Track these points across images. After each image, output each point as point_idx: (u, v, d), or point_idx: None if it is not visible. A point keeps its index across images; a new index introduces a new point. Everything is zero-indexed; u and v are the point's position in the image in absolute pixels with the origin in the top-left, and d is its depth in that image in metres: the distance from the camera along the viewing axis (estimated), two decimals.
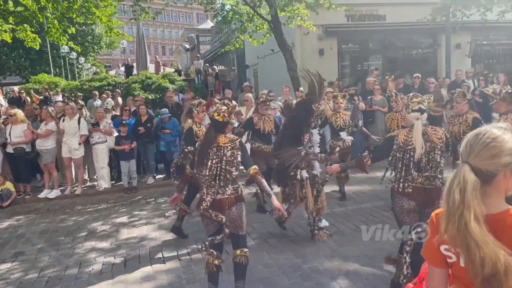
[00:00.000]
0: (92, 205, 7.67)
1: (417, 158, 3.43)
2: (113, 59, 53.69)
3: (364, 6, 15.09)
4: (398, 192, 3.58)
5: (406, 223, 3.56)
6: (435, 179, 3.47)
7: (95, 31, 29.73)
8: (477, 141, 1.46)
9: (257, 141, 6.46)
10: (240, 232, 3.71)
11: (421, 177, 3.48)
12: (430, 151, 3.46)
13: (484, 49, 16.97)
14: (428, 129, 3.52)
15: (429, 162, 3.47)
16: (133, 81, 15.21)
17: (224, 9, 12.38)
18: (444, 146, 3.53)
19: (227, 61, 26.84)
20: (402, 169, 3.52)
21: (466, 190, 1.39)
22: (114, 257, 5.18)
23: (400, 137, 3.56)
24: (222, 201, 3.57)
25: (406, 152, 3.50)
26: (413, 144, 3.44)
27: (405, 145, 3.50)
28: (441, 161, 3.48)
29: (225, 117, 3.68)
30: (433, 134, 3.50)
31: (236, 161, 3.59)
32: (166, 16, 66.19)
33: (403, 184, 3.52)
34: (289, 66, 10.92)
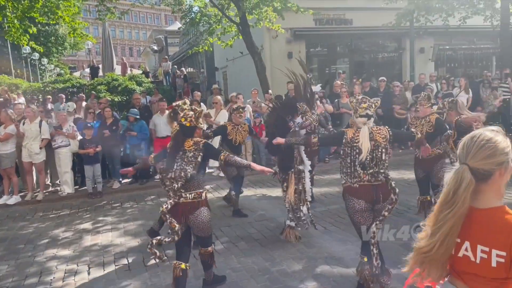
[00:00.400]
0: (54, 211, 7.41)
1: (363, 159, 3.60)
2: (78, 60, 52.24)
3: (331, 10, 15.34)
4: (348, 191, 3.71)
5: (361, 223, 3.69)
6: (380, 175, 3.63)
7: (59, 32, 28.85)
8: (472, 143, 1.59)
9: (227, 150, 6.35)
10: (203, 234, 3.80)
11: (367, 175, 3.63)
12: (374, 149, 3.63)
13: (446, 53, 17.57)
14: (373, 129, 3.69)
15: (373, 160, 3.63)
16: (98, 82, 14.82)
17: (192, 11, 12.26)
18: (388, 144, 3.71)
19: (196, 63, 26.68)
20: (350, 164, 3.67)
21: (460, 187, 1.54)
22: (77, 265, 5.01)
23: (349, 134, 3.73)
24: (185, 204, 3.63)
25: (353, 148, 3.66)
26: (358, 143, 3.63)
27: (352, 142, 3.67)
28: (386, 158, 3.66)
29: (192, 122, 3.76)
30: (377, 134, 3.67)
31: (196, 161, 3.63)
32: (134, 17, 65.11)
33: (351, 180, 3.66)
34: (258, 68, 10.95)
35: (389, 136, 3.69)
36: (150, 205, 7.55)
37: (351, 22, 15.75)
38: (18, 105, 8.93)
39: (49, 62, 31.27)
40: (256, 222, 6.11)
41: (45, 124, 7.99)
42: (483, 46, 17.79)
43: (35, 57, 27.05)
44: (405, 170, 8.14)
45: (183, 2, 11.99)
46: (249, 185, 8.23)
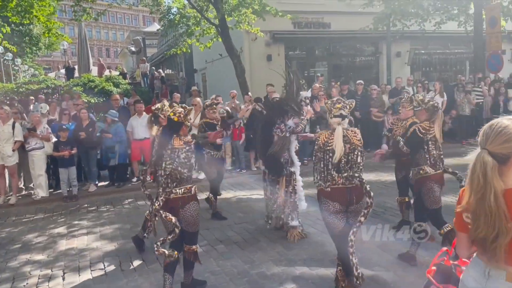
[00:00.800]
0: (27, 216, 7.20)
1: (337, 161, 3.57)
2: (53, 61, 51.09)
3: (310, 14, 15.48)
4: (322, 194, 3.68)
5: (335, 224, 3.65)
6: (354, 178, 3.61)
7: (33, 32, 28.14)
8: (491, 130, 1.77)
9: (208, 147, 6.37)
10: (191, 230, 3.84)
11: (341, 178, 3.60)
12: (349, 153, 3.60)
13: (422, 57, 17.97)
14: (348, 132, 3.66)
15: (348, 163, 3.60)
16: (74, 84, 14.51)
17: (170, 12, 12.16)
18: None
19: (175, 65, 26.48)
20: (324, 169, 3.64)
21: (487, 170, 1.70)
22: (52, 270, 4.87)
23: (321, 138, 3.68)
24: (176, 200, 3.73)
25: (325, 152, 3.61)
26: (332, 146, 3.58)
27: (324, 146, 3.62)
28: (361, 161, 3.63)
29: (181, 118, 3.82)
30: (353, 136, 3.64)
31: (190, 163, 3.75)
32: (111, 18, 64.15)
33: (325, 184, 3.63)
34: (237, 71, 10.94)
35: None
36: (127, 208, 7.43)
37: (329, 26, 15.93)
38: None
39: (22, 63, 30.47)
40: (236, 225, 6.08)
41: (18, 126, 7.77)
42: (457, 51, 18.27)
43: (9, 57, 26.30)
44: (383, 172, 8.24)
45: (161, 3, 11.88)
46: (228, 187, 8.19)
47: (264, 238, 5.51)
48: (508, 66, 16.48)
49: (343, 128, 3.63)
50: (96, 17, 11.74)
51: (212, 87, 18.85)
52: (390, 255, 4.67)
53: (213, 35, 12.42)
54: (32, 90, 13.75)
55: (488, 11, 13.72)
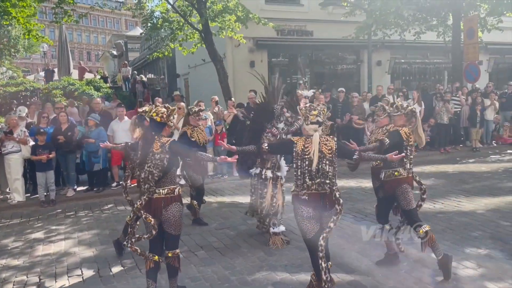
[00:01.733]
0: (3, 220, 7.04)
1: (314, 168, 3.62)
2: (32, 63, 50.16)
3: (293, 21, 15.63)
4: (297, 199, 3.72)
5: (308, 229, 3.69)
6: (325, 185, 3.64)
7: (12, 33, 27.61)
8: None
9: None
10: (173, 232, 3.79)
11: (314, 184, 3.65)
12: (318, 161, 3.63)
13: (402, 66, 18.32)
14: (321, 139, 3.68)
15: (319, 171, 3.64)
16: (53, 87, 14.27)
17: (153, 16, 12.11)
18: (333, 156, 3.67)
19: (157, 69, 26.32)
20: (300, 176, 3.67)
21: None
22: (27, 276, 4.76)
23: (298, 145, 3.69)
24: (158, 200, 3.71)
25: (303, 160, 3.65)
26: (309, 154, 3.62)
27: (302, 154, 3.66)
28: (330, 169, 3.65)
29: (163, 119, 3.81)
30: (324, 145, 3.66)
31: (162, 164, 3.68)
32: (92, 21, 63.47)
33: (301, 191, 3.67)
34: (220, 76, 10.95)
35: (335, 149, 3.68)
36: (107, 214, 7.31)
37: (312, 34, 16.11)
38: None
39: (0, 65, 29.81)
40: (216, 231, 6.05)
41: None
42: (436, 61, 18.70)
43: None
44: (362, 179, 8.34)
45: (144, 6, 11.82)
46: (209, 192, 8.15)
47: (245, 244, 5.49)
48: (485, 76, 16.96)
49: (319, 134, 3.67)
50: (77, 19, 11.60)
51: (195, 92, 18.79)
52: (369, 260, 4.72)
53: (197, 40, 12.41)
54: (10, 92, 13.48)
55: (466, 22, 14.09)
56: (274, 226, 5.35)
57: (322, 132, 3.81)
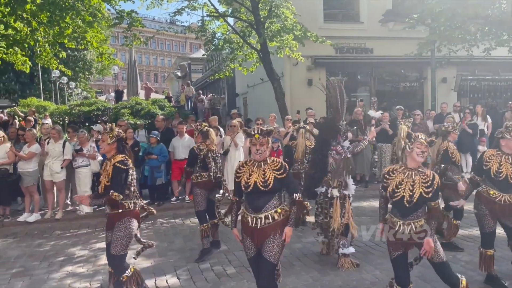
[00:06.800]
0: (72, 230, 7.50)
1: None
2: (104, 85, 53.90)
3: (352, 39, 15.47)
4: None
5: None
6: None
7: (87, 57, 29.93)
8: None
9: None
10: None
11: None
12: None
13: (470, 84, 17.36)
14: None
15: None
16: (122, 106, 15.18)
17: (215, 37, 12.59)
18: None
19: (218, 89, 27.11)
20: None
21: None
22: (90, 283, 5.02)
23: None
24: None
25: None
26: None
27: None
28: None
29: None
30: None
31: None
32: (160, 44, 67.11)
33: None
34: (277, 95, 11.05)
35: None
36: (165, 226, 7.57)
37: (372, 51, 15.82)
38: (45, 125, 9.22)
39: (76, 86, 32.31)
40: None
41: (68, 145, 8.19)
42: (508, 77, 17.54)
43: (64, 81, 28.01)
44: None
45: (206, 29, 12.32)
46: None
47: (299, 262, 5.42)
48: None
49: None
50: (145, 41, 12.35)
51: (253, 110, 19.08)
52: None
53: (255, 60, 12.67)
54: (83, 111, 14.52)
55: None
56: (343, 247, 5.12)
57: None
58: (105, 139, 4.07)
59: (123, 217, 4.01)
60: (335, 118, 5.17)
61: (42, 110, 16.42)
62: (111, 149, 4.09)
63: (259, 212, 3.51)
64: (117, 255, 3.95)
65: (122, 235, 3.96)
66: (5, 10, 9.54)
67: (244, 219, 3.62)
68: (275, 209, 3.54)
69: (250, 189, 3.49)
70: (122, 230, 3.98)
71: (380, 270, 5.03)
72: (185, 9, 11.44)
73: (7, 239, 7.07)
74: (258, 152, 3.54)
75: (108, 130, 4.13)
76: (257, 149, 3.54)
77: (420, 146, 3.61)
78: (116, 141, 4.09)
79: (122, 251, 3.98)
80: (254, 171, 3.55)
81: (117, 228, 3.99)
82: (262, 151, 3.54)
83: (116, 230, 3.98)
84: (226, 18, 12.37)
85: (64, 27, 10.11)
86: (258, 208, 3.53)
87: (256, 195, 3.51)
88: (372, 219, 7.10)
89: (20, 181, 8.02)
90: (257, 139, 3.54)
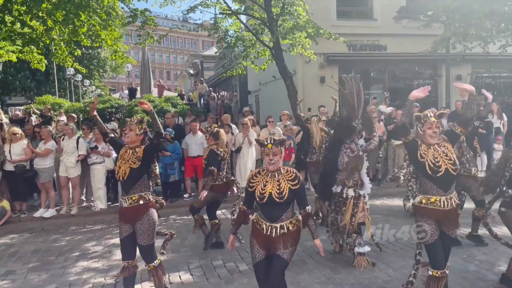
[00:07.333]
0: (87, 226, 7.61)
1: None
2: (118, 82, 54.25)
3: (365, 36, 15.37)
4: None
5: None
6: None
7: (101, 55, 30.22)
8: None
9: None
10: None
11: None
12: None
13: (485, 81, 17.11)
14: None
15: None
16: (136, 103, 15.31)
17: (227, 35, 12.60)
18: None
19: (230, 86, 27.16)
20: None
21: None
22: (105, 278, 5.10)
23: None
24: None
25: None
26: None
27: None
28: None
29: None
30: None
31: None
32: (172, 42, 67.44)
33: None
34: (289, 92, 11.03)
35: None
36: (178, 223, 7.64)
37: (385, 48, 15.69)
38: (60, 123, 9.36)
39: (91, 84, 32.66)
40: None
41: (82, 141, 8.30)
42: None
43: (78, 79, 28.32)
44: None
45: (219, 26, 12.33)
46: None
47: (311, 260, 5.43)
48: None
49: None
50: (158, 39, 12.43)
51: (265, 108, 19.09)
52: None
53: (268, 57, 12.66)
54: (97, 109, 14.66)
55: None
56: (359, 246, 5.07)
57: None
58: (134, 129, 4.14)
59: (145, 209, 4.06)
60: (350, 116, 5.14)
61: (57, 107, 16.65)
62: (137, 140, 4.16)
63: (275, 222, 3.52)
64: (146, 245, 4.06)
65: (147, 226, 4.04)
66: (22, 9, 9.68)
67: (257, 225, 3.61)
68: (290, 219, 3.55)
69: (265, 200, 3.48)
70: (146, 221, 4.04)
71: (393, 268, 5.02)
72: (198, 6, 11.46)
73: (24, 234, 7.21)
74: (272, 162, 3.52)
75: (137, 121, 4.18)
76: (270, 159, 3.52)
77: (431, 127, 3.72)
78: (143, 133, 4.18)
79: (151, 240, 4.09)
80: (268, 181, 3.52)
81: (141, 220, 4.03)
82: (275, 161, 3.52)
83: (140, 222, 4.03)
84: (238, 15, 12.37)
85: (79, 26, 10.24)
86: (273, 218, 3.53)
87: (271, 206, 3.50)
88: (385, 217, 7.08)
89: (36, 177, 8.17)
90: (270, 149, 3.52)
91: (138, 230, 4.03)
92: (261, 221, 3.57)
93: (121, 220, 4.20)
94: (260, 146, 3.69)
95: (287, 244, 3.49)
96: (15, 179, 8.09)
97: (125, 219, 4.14)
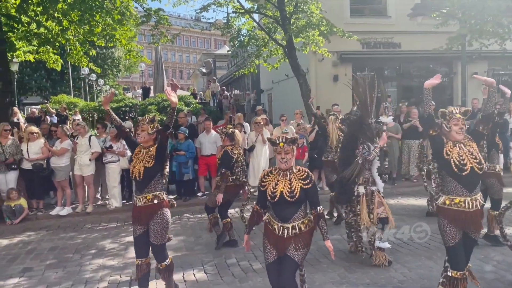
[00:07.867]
0: (102, 224, 7.70)
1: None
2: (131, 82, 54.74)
3: (379, 34, 15.22)
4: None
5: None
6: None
7: (115, 55, 30.53)
8: None
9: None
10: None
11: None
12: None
13: (502, 78, 16.83)
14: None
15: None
16: (149, 103, 15.45)
17: (240, 34, 12.62)
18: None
19: (243, 85, 27.19)
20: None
21: None
22: (120, 276, 5.15)
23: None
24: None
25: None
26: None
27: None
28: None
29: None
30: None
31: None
32: (185, 41, 67.77)
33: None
34: (303, 91, 11.00)
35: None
36: (192, 221, 7.68)
37: (400, 46, 15.53)
38: (76, 121, 9.48)
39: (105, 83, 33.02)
40: None
41: (94, 139, 8.39)
42: None
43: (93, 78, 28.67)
44: None
45: (232, 25, 12.36)
46: None
47: (325, 260, 5.39)
48: None
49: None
50: (172, 38, 12.50)
51: (278, 106, 19.07)
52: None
53: (281, 56, 12.64)
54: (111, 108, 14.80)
55: None
56: (379, 240, 5.02)
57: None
58: (146, 128, 4.15)
59: (159, 208, 4.08)
60: (363, 115, 5.10)
61: (72, 106, 16.88)
62: (150, 139, 4.17)
63: (287, 222, 3.49)
64: (159, 244, 4.11)
65: (162, 226, 4.06)
66: (38, 10, 9.83)
67: (269, 225, 3.60)
68: (302, 220, 3.52)
69: (277, 199, 3.46)
70: (160, 221, 4.06)
71: (409, 268, 4.97)
72: (211, 5, 11.49)
73: (41, 231, 7.32)
74: (284, 161, 3.50)
75: (149, 121, 4.19)
76: (282, 157, 3.50)
77: (457, 123, 3.62)
78: (155, 132, 4.18)
79: (163, 240, 4.14)
80: (280, 180, 3.50)
81: (155, 220, 4.05)
82: (287, 159, 3.50)
83: (154, 222, 4.04)
84: (251, 14, 12.37)
85: (94, 26, 10.36)
86: (285, 218, 3.50)
87: (282, 205, 3.47)
88: (400, 217, 7.01)
89: (52, 176, 8.30)
90: (282, 148, 3.49)
91: (152, 229, 4.06)
92: (273, 222, 3.56)
93: (134, 219, 4.21)
94: (272, 145, 3.66)
95: (298, 246, 3.46)
96: (32, 178, 8.22)
97: (139, 218, 4.15)
